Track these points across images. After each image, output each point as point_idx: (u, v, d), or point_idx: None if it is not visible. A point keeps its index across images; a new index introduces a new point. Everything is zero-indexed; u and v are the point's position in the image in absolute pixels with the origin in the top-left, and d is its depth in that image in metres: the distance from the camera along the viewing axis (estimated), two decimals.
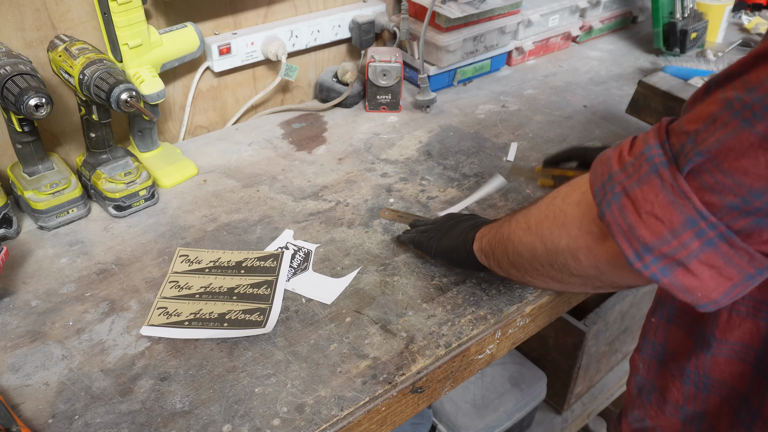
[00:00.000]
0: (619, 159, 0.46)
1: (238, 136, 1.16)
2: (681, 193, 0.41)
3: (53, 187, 0.90)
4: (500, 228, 0.68)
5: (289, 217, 0.95)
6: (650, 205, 0.42)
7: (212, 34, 1.12)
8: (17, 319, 0.77)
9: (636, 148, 0.45)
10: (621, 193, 0.44)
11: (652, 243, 0.43)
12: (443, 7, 1.21)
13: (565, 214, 0.52)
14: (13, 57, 0.80)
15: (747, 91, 0.38)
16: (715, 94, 0.41)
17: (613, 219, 0.45)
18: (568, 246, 0.52)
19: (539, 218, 0.57)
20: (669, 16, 1.44)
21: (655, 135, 0.44)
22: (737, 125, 0.38)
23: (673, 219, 0.41)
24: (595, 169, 0.49)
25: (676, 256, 0.42)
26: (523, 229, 0.60)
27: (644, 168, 0.43)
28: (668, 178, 0.42)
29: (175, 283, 0.82)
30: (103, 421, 0.65)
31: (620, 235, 0.44)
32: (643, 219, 0.43)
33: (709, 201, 0.40)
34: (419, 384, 0.72)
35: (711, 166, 0.40)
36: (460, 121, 1.22)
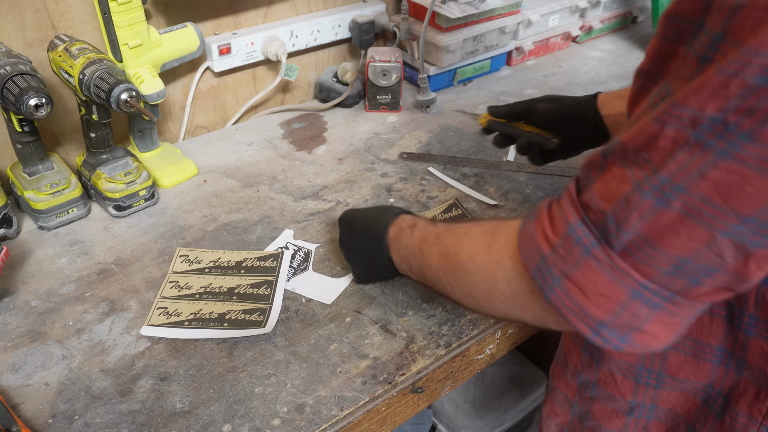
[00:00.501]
0: (546, 239, 0.47)
1: (238, 136, 1.16)
2: (620, 270, 0.43)
3: (53, 187, 0.90)
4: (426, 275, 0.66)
5: (289, 217, 0.95)
6: (594, 285, 0.44)
7: (212, 34, 1.12)
8: (17, 319, 0.77)
9: (558, 227, 0.47)
10: (561, 276, 0.46)
11: (605, 319, 0.45)
12: (443, 7, 1.21)
13: (520, 300, 0.53)
14: (13, 57, 0.80)
15: (653, 171, 0.40)
16: (617, 168, 0.43)
17: (561, 302, 0.47)
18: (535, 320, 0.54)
19: (486, 297, 0.56)
20: None
21: (572, 211, 0.46)
22: (652, 205, 0.41)
23: (619, 294, 0.44)
24: (524, 249, 0.50)
25: (631, 324, 0.45)
26: (469, 300, 0.59)
27: (576, 250, 0.45)
28: (604, 259, 0.44)
29: (175, 283, 0.82)
30: (103, 421, 0.65)
31: (572, 316, 0.46)
32: (590, 299, 0.45)
33: (646, 272, 0.43)
34: (419, 384, 0.72)
35: (639, 242, 0.42)
36: (460, 121, 1.22)
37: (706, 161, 0.38)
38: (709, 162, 0.38)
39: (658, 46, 0.42)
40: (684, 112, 0.38)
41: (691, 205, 0.39)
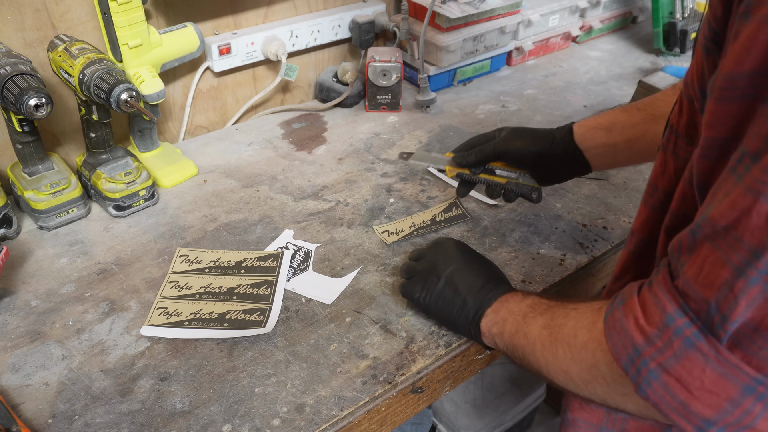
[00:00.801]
0: (639, 329, 0.45)
1: (238, 136, 1.16)
2: (730, 365, 0.41)
3: (53, 187, 0.90)
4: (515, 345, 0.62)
5: (289, 217, 0.95)
6: (699, 381, 0.42)
7: (212, 34, 1.12)
8: (17, 319, 0.77)
9: (653, 316, 0.44)
10: (658, 370, 0.43)
11: (713, 417, 0.42)
12: (443, 7, 1.21)
13: (622, 386, 0.50)
14: (13, 57, 0.80)
15: (753, 255, 0.37)
16: (707, 249, 0.40)
17: (659, 398, 0.44)
18: (638, 411, 0.51)
19: (585, 378, 0.53)
20: (669, 16, 1.44)
21: (668, 299, 0.43)
22: (762, 290, 0.37)
23: (729, 391, 0.41)
24: (612, 338, 0.47)
25: (742, 422, 0.42)
26: (564, 378, 0.56)
27: (677, 342, 0.42)
28: (710, 352, 0.41)
29: (175, 283, 0.82)
30: (103, 421, 0.65)
31: (673, 413, 0.44)
32: (695, 395, 0.42)
33: (759, 365, 0.40)
34: (419, 384, 0.72)
35: (749, 331, 0.39)
36: (460, 121, 1.22)
37: None
38: None
39: (725, 107, 0.38)
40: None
41: None
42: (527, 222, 0.94)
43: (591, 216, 0.96)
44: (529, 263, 0.87)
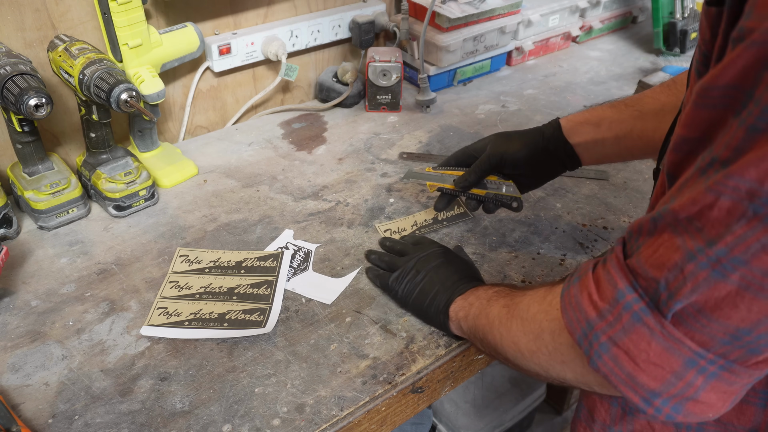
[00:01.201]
0: (592, 304, 0.47)
1: (238, 136, 1.16)
2: (674, 339, 0.42)
3: (53, 187, 0.90)
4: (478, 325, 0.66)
5: (289, 217, 0.95)
6: (645, 354, 0.44)
7: (212, 34, 1.12)
8: (17, 319, 0.77)
9: (605, 292, 0.46)
10: (608, 343, 0.45)
11: (658, 388, 0.44)
12: (443, 7, 1.21)
13: (561, 354, 0.53)
14: (13, 57, 0.80)
15: (707, 243, 0.39)
16: (667, 236, 0.42)
17: (609, 369, 0.46)
18: (576, 379, 0.53)
19: (531, 349, 0.56)
20: (669, 16, 1.44)
21: (620, 276, 0.45)
22: (708, 277, 0.40)
23: (672, 363, 0.43)
24: (567, 312, 0.49)
25: (685, 394, 0.44)
26: (515, 351, 0.59)
27: (625, 316, 0.44)
28: (655, 326, 0.43)
29: (175, 283, 0.82)
30: (103, 421, 0.65)
31: (622, 384, 0.45)
32: (641, 367, 0.44)
33: (701, 340, 0.42)
34: (419, 384, 0.72)
35: (693, 311, 0.41)
36: (460, 121, 1.22)
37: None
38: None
39: (699, 113, 0.41)
40: (741, 183, 0.37)
41: (751, 279, 0.38)
42: (527, 222, 0.94)
43: (591, 216, 0.96)
44: (529, 263, 0.87)
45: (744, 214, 0.37)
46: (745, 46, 0.36)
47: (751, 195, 0.37)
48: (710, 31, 0.45)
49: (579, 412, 0.70)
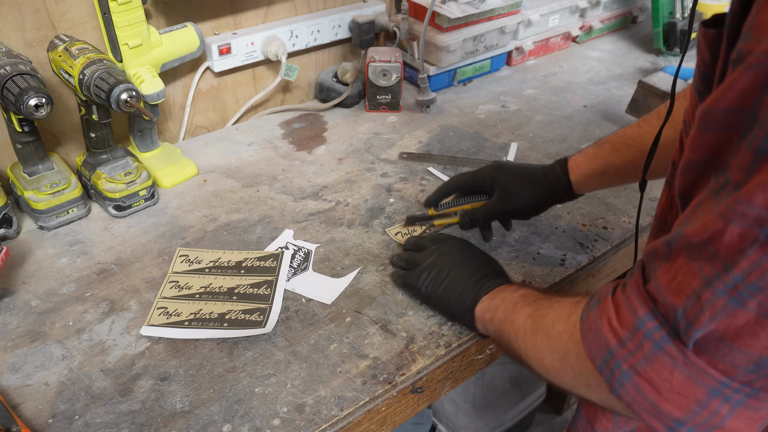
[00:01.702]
0: (612, 331, 0.46)
1: (238, 136, 1.16)
2: (696, 368, 0.42)
3: (53, 187, 0.90)
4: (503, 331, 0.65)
5: (289, 217, 0.95)
6: (668, 383, 0.43)
7: (212, 34, 1.12)
8: (17, 319, 0.77)
9: (625, 318, 0.46)
10: (630, 371, 0.45)
11: (682, 418, 0.44)
12: (443, 7, 1.21)
13: (587, 378, 0.51)
14: (13, 57, 0.80)
15: (724, 269, 0.39)
16: (682, 260, 0.42)
17: (632, 399, 0.45)
18: (601, 402, 0.52)
19: (556, 368, 0.56)
20: (669, 16, 1.44)
21: (640, 302, 0.45)
22: (726, 304, 0.39)
23: (696, 393, 0.42)
24: (587, 337, 0.49)
25: (711, 423, 0.43)
26: (540, 367, 0.59)
27: (647, 345, 0.44)
28: (678, 356, 0.42)
29: (175, 283, 0.82)
30: (103, 421, 0.65)
31: (645, 413, 0.45)
32: (665, 396, 0.44)
33: (724, 369, 0.41)
34: (419, 384, 0.72)
35: (714, 340, 0.41)
36: (460, 121, 1.22)
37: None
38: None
39: (704, 136, 0.41)
40: (749, 210, 0.37)
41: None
42: (527, 222, 0.94)
43: (591, 216, 0.96)
44: (529, 263, 0.87)
45: (756, 239, 0.37)
46: (743, 68, 0.36)
47: (760, 221, 0.36)
48: (710, 52, 0.45)
49: (576, 422, 0.70)
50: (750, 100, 0.36)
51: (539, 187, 0.83)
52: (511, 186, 0.84)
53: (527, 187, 0.84)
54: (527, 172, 0.85)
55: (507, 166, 0.86)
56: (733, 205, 0.38)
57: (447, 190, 0.88)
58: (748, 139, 0.37)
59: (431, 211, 0.90)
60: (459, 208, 0.88)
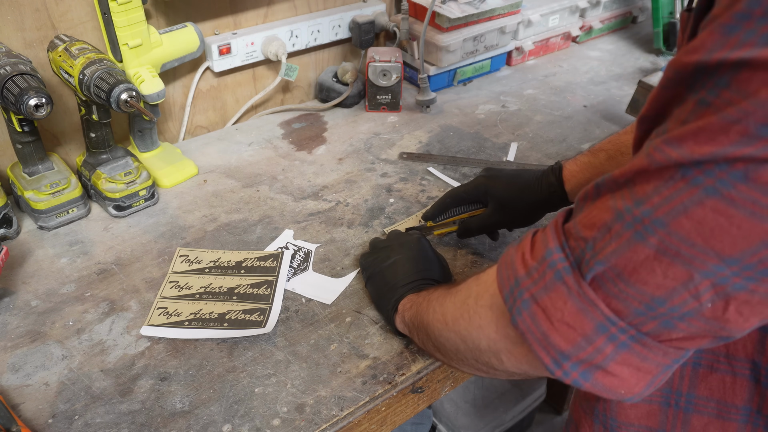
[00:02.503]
0: (523, 262, 0.47)
1: (238, 136, 1.16)
2: (588, 301, 0.42)
3: (53, 187, 0.90)
4: (419, 310, 0.66)
5: (289, 217, 0.95)
6: (560, 313, 0.43)
7: (212, 34, 1.12)
8: (17, 319, 0.77)
9: (537, 251, 0.46)
10: (530, 300, 0.45)
11: (568, 350, 0.44)
12: (443, 7, 1.21)
13: (480, 316, 0.53)
14: (13, 57, 0.80)
15: (635, 203, 0.39)
16: (605, 199, 0.42)
17: (526, 327, 0.46)
18: (489, 347, 0.53)
19: (455, 316, 0.57)
20: (669, 16, 1.44)
21: (553, 237, 0.45)
22: (630, 237, 0.40)
23: (584, 326, 0.42)
24: (501, 271, 0.49)
25: (593, 360, 0.43)
26: (441, 323, 0.60)
27: (549, 274, 0.44)
28: (573, 286, 0.43)
29: (175, 283, 0.82)
30: (103, 421, 0.65)
31: (536, 343, 0.45)
32: (555, 327, 0.44)
33: (616, 307, 0.41)
34: (419, 384, 0.72)
35: (612, 275, 0.41)
36: (460, 121, 1.22)
37: (692, 197, 0.37)
38: (695, 198, 0.37)
39: (661, 92, 0.41)
40: (675, 150, 0.37)
41: (669, 244, 0.38)
42: None
43: None
44: None
45: (672, 176, 0.37)
46: (714, 26, 0.36)
47: (681, 161, 0.37)
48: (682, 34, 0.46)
49: (568, 426, 0.70)
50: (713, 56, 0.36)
51: (533, 197, 0.82)
52: (504, 198, 0.83)
53: (521, 196, 0.82)
54: (520, 180, 0.84)
55: (499, 175, 0.85)
56: (661, 145, 0.38)
57: (443, 206, 0.88)
58: (696, 89, 0.37)
59: (429, 224, 0.89)
60: (456, 218, 0.88)
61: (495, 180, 0.84)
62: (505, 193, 0.83)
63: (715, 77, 0.36)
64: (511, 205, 0.82)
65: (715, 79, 0.36)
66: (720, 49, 0.35)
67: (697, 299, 0.39)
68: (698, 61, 0.37)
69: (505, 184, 0.83)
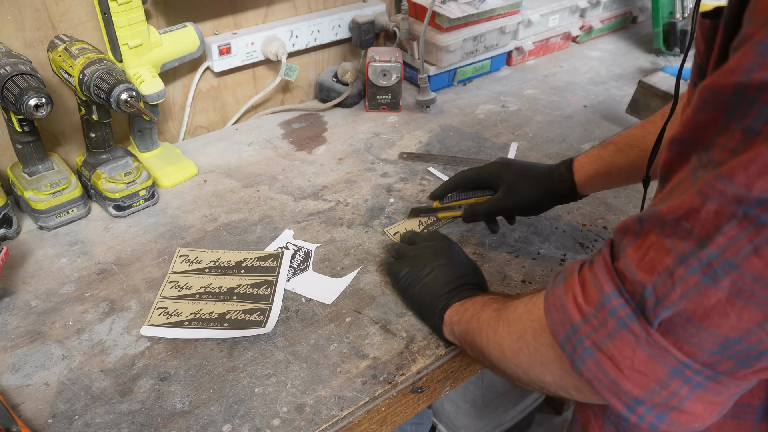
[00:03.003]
0: (577, 307, 0.46)
1: (238, 136, 1.16)
2: (659, 347, 0.42)
3: (53, 187, 0.90)
4: (469, 329, 0.65)
5: (289, 217, 0.95)
6: (629, 361, 0.43)
7: (212, 34, 1.12)
8: (17, 319, 0.77)
9: (591, 295, 0.45)
10: (592, 348, 0.45)
11: (641, 396, 0.43)
12: (443, 7, 1.21)
13: (541, 355, 0.52)
14: (13, 57, 0.80)
15: (699, 245, 0.38)
16: (654, 236, 0.41)
17: (592, 375, 0.45)
18: (555, 382, 0.53)
19: (513, 349, 0.56)
20: (669, 16, 1.44)
21: (606, 279, 0.44)
22: (699, 282, 0.39)
23: (657, 372, 0.42)
24: (551, 314, 0.49)
25: (669, 403, 0.43)
26: (499, 353, 0.59)
27: (610, 322, 0.43)
28: (641, 334, 0.42)
29: (175, 283, 0.82)
30: (103, 421, 0.65)
31: (605, 390, 0.45)
32: (625, 374, 0.43)
33: (689, 351, 0.41)
34: (419, 384, 0.72)
35: (681, 320, 0.40)
36: (460, 121, 1.22)
37: (760, 237, 0.36)
38: (763, 238, 0.36)
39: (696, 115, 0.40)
40: (729, 187, 0.36)
41: (742, 285, 0.37)
42: (527, 222, 0.94)
43: (591, 216, 0.96)
44: (529, 263, 0.87)
45: (733, 215, 0.36)
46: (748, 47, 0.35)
47: (738, 199, 0.36)
48: (704, 43, 0.44)
49: (573, 427, 0.70)
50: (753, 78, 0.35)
51: (543, 186, 0.84)
52: (515, 184, 0.84)
53: (531, 185, 0.84)
54: (532, 170, 0.85)
55: (512, 163, 0.87)
56: (713, 182, 0.37)
57: (452, 185, 0.89)
58: (737, 117, 0.36)
59: (436, 204, 0.91)
60: (463, 201, 0.89)
61: (508, 167, 0.86)
62: (516, 179, 0.84)
63: (759, 102, 0.35)
64: (521, 192, 0.84)
65: (760, 105, 0.35)
66: (759, 70, 0.34)
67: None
68: (737, 83, 0.36)
69: (516, 171, 0.85)
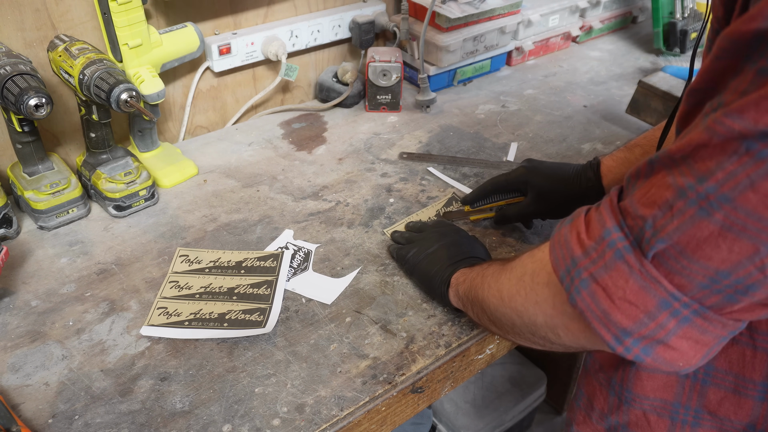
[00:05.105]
0: (579, 242, 0.47)
1: (238, 136, 1.16)
2: (651, 278, 0.42)
3: (53, 187, 0.90)
4: (473, 285, 0.67)
5: (289, 217, 0.95)
6: (622, 291, 0.44)
7: (212, 34, 1.12)
8: (17, 319, 0.77)
9: (593, 231, 0.46)
10: (589, 279, 0.45)
11: (630, 327, 0.44)
12: (443, 7, 1.21)
13: (536, 293, 0.53)
14: (13, 57, 0.80)
15: (698, 179, 0.39)
16: (661, 176, 0.42)
17: (586, 305, 0.46)
18: (546, 323, 0.54)
19: (511, 293, 0.58)
20: (669, 16, 1.44)
21: (609, 216, 0.45)
22: (694, 214, 0.39)
23: (647, 303, 0.43)
24: (555, 250, 0.50)
25: (656, 336, 0.44)
26: (497, 298, 0.60)
27: (608, 254, 0.44)
28: (635, 264, 0.43)
29: (175, 283, 0.82)
30: (103, 421, 0.65)
31: (596, 321, 0.46)
32: (617, 305, 0.44)
33: (679, 283, 0.42)
34: (419, 384, 0.72)
35: (675, 252, 0.41)
36: (460, 121, 1.22)
37: (759, 171, 0.36)
38: (761, 172, 0.36)
39: (714, 63, 0.40)
40: (737, 122, 0.36)
41: (734, 219, 0.38)
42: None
43: None
44: None
45: (736, 150, 0.37)
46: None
47: (744, 134, 0.36)
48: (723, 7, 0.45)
49: (578, 399, 0.71)
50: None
51: (571, 191, 0.84)
52: (544, 189, 0.85)
53: (560, 189, 0.85)
54: (560, 173, 0.86)
55: (540, 167, 0.88)
56: (721, 118, 0.38)
57: (483, 192, 0.90)
58: (753, 59, 0.36)
59: (467, 208, 0.92)
60: (494, 204, 0.91)
61: (536, 171, 0.86)
62: (544, 184, 0.85)
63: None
64: (550, 196, 0.85)
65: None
66: None
67: (762, 272, 0.39)
68: (757, 29, 0.36)
69: (545, 176, 0.86)
